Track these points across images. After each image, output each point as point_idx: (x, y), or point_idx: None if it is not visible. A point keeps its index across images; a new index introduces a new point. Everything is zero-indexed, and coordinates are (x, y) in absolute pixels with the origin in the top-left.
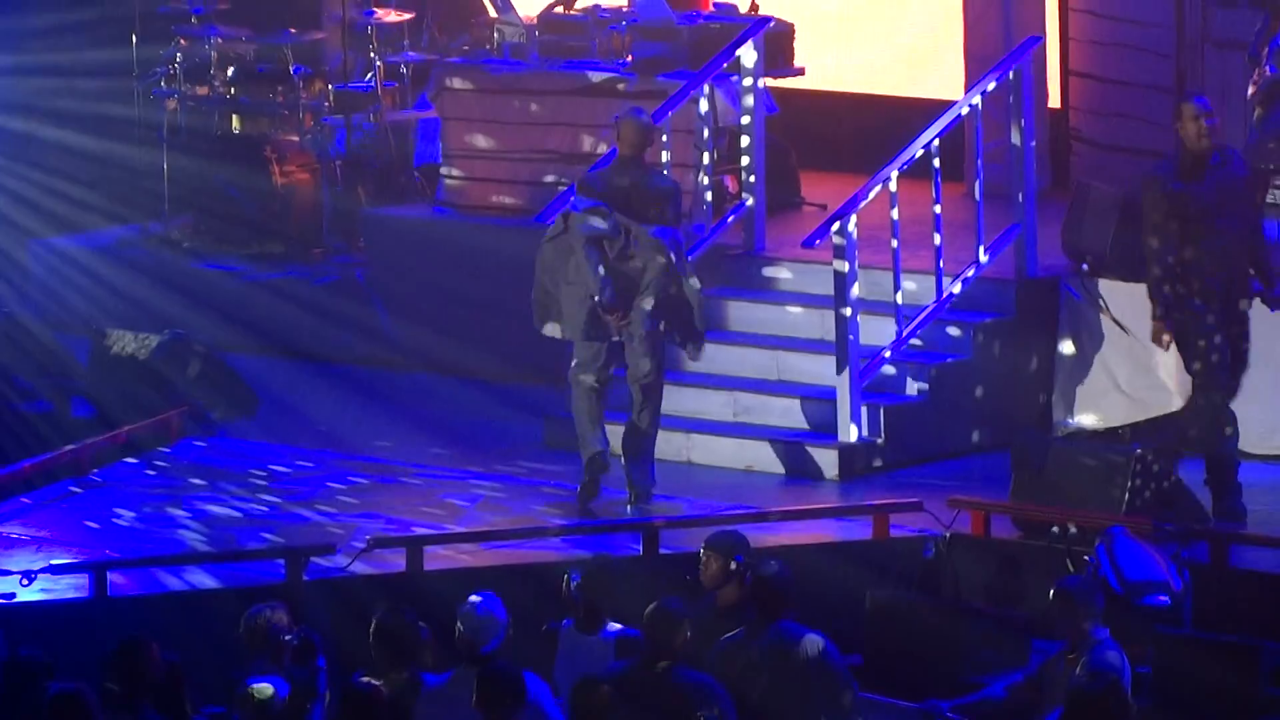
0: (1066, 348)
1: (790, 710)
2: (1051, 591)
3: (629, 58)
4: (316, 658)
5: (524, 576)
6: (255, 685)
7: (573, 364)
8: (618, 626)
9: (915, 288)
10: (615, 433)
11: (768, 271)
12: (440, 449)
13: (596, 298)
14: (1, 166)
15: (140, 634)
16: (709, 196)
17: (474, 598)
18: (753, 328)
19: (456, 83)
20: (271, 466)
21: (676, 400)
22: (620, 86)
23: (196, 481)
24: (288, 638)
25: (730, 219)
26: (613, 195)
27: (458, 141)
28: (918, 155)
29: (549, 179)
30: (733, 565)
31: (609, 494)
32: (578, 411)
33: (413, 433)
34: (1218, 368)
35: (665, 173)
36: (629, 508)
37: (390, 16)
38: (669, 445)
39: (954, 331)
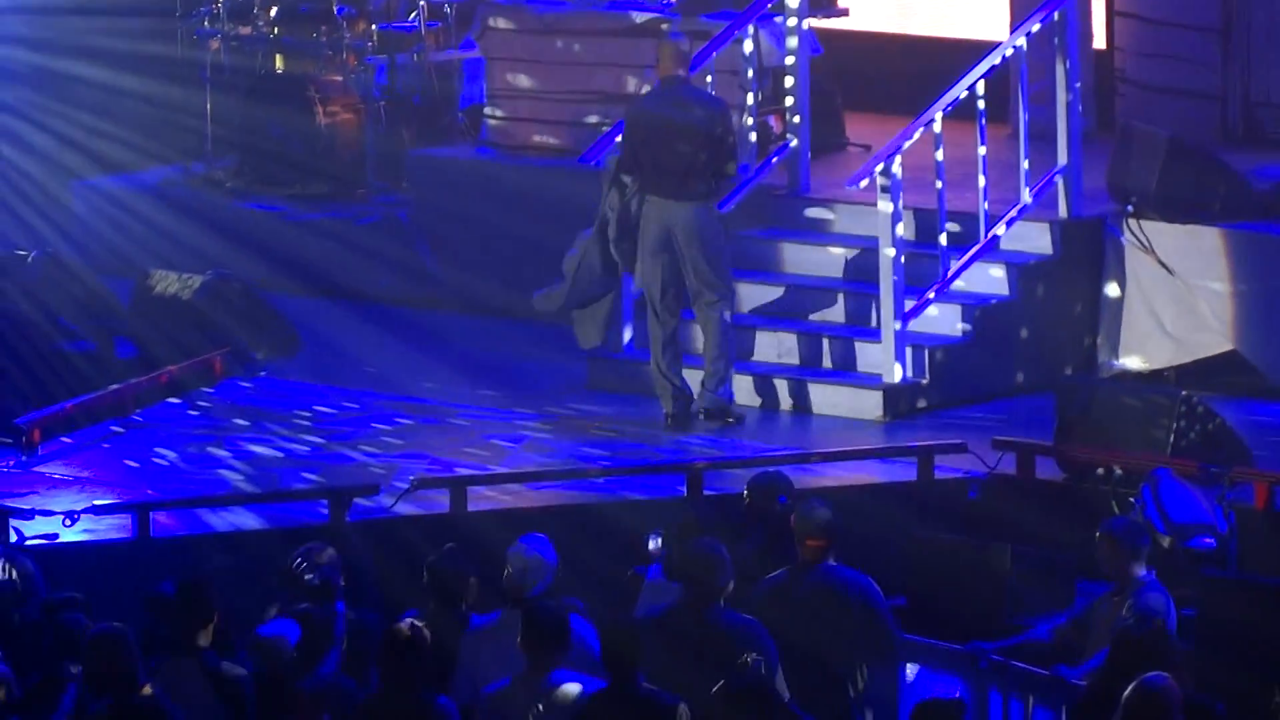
0: (1111, 289)
1: (834, 652)
2: (1097, 533)
3: None
4: (335, 601)
5: (567, 517)
6: (267, 635)
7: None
8: None
9: (959, 229)
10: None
11: (812, 212)
12: (484, 390)
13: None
14: (45, 106)
15: (199, 573)
16: (753, 137)
17: (523, 539)
18: (797, 269)
19: (501, 23)
20: (315, 407)
21: None
22: (664, 27)
23: (240, 422)
24: (309, 578)
25: (774, 160)
26: (639, 135)
27: (501, 82)
28: (962, 96)
29: (592, 119)
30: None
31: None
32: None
33: (456, 373)
34: None
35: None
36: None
37: None
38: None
39: (998, 272)
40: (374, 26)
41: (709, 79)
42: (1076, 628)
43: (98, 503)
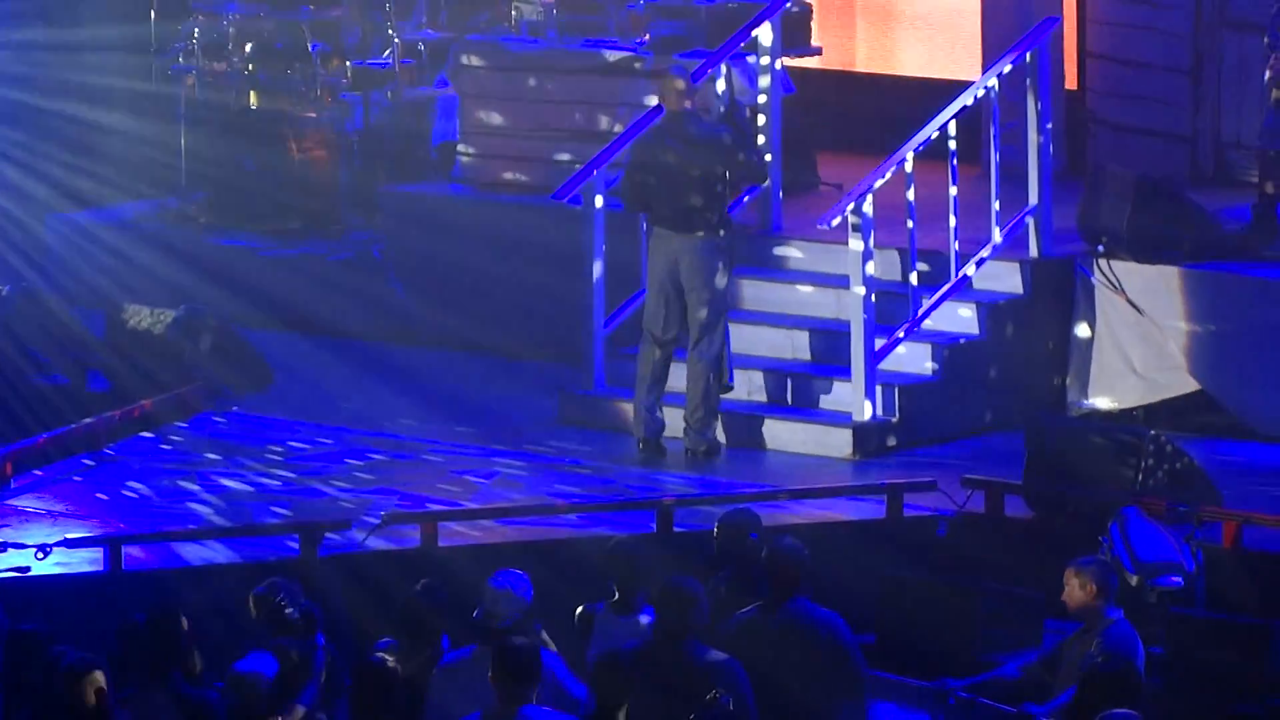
0: (1081, 329)
1: (803, 689)
2: (1065, 571)
3: (646, 36)
4: (315, 634)
5: (538, 553)
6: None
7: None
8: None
9: (930, 268)
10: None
11: (783, 251)
12: (456, 425)
13: None
14: (20, 141)
15: (169, 604)
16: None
17: (499, 573)
18: (768, 307)
19: (474, 60)
20: (287, 442)
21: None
22: (637, 65)
23: (212, 456)
24: (289, 611)
25: (746, 199)
26: (642, 170)
27: (475, 119)
28: (934, 136)
29: (566, 157)
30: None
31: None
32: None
33: (429, 409)
34: None
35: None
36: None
37: None
38: (683, 422)
39: (968, 312)
40: (348, 63)
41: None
42: (1045, 666)
43: (70, 536)
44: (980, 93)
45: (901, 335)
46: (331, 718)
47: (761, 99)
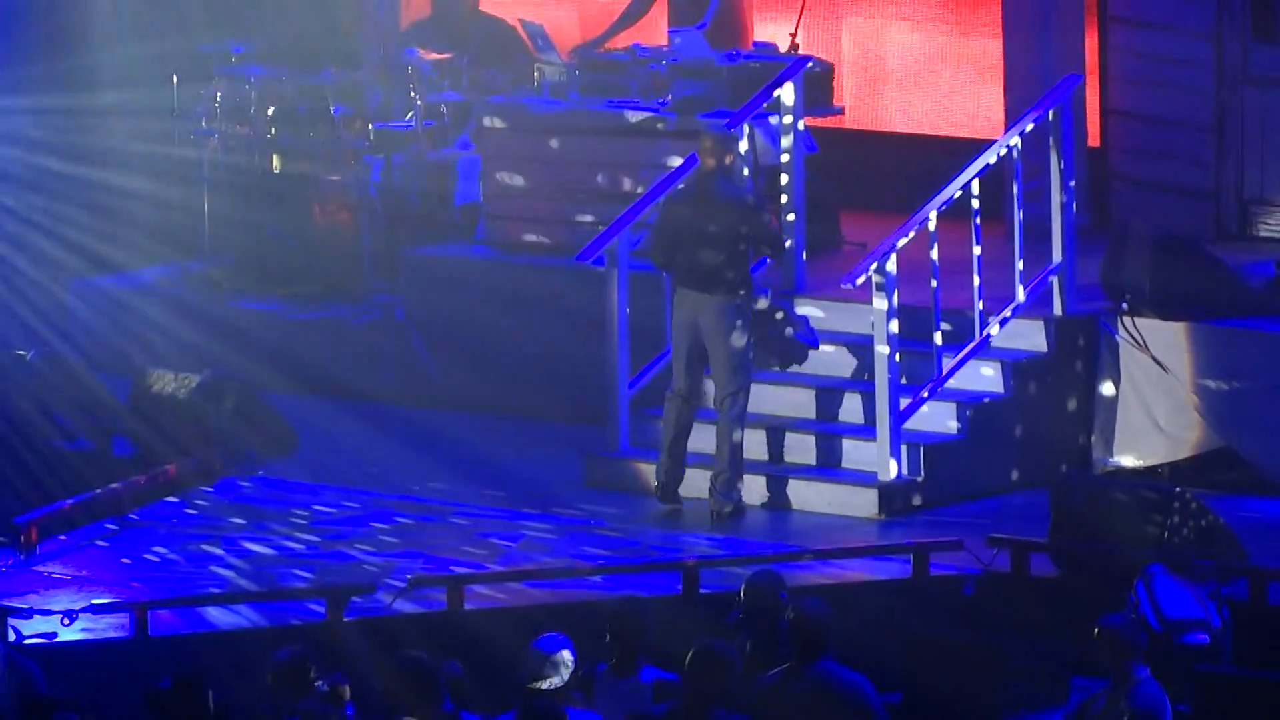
0: (1106, 387)
1: None
2: (1095, 629)
3: (669, 97)
4: (345, 705)
5: (565, 616)
6: None
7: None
8: (655, 669)
9: (954, 327)
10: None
11: (807, 310)
12: (482, 488)
13: None
14: (43, 207)
15: (195, 672)
16: None
17: (546, 637)
18: (792, 367)
19: (496, 122)
20: (312, 505)
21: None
22: (660, 126)
23: (237, 520)
24: (319, 684)
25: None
26: (672, 228)
27: (497, 180)
28: (957, 195)
29: (589, 219)
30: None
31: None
32: None
33: (453, 472)
34: None
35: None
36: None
37: (431, 55)
38: (708, 483)
39: (993, 370)
40: (371, 126)
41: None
42: None
43: (96, 601)
44: (1003, 151)
45: (926, 395)
46: None
47: (784, 158)
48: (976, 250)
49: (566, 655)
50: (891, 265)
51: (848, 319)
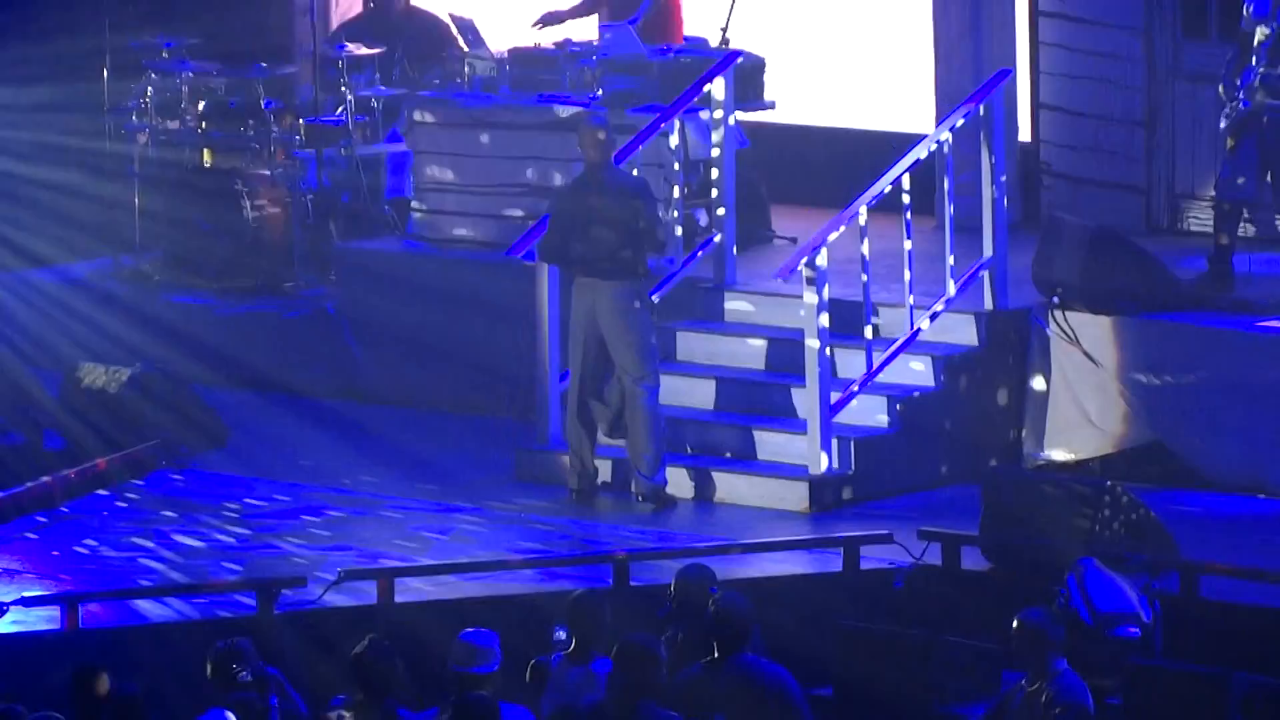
0: (1036, 381)
1: None
2: (1015, 623)
3: (599, 92)
4: (270, 695)
5: (496, 609)
6: None
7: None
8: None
9: (885, 321)
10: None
11: (737, 304)
12: (412, 482)
13: None
14: None
15: (91, 662)
16: (679, 230)
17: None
18: (723, 360)
19: (427, 116)
20: (244, 499)
21: None
22: (576, 114)
23: (168, 514)
24: (242, 675)
25: (700, 253)
26: (563, 220)
27: (428, 175)
28: (887, 190)
29: (519, 213)
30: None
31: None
32: None
33: (385, 465)
34: None
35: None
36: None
37: (361, 50)
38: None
39: (923, 364)
40: (301, 121)
41: (635, 172)
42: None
43: (27, 594)
44: (933, 145)
45: (857, 389)
46: None
47: (715, 153)
48: (907, 244)
49: (494, 649)
50: (822, 259)
51: (778, 313)
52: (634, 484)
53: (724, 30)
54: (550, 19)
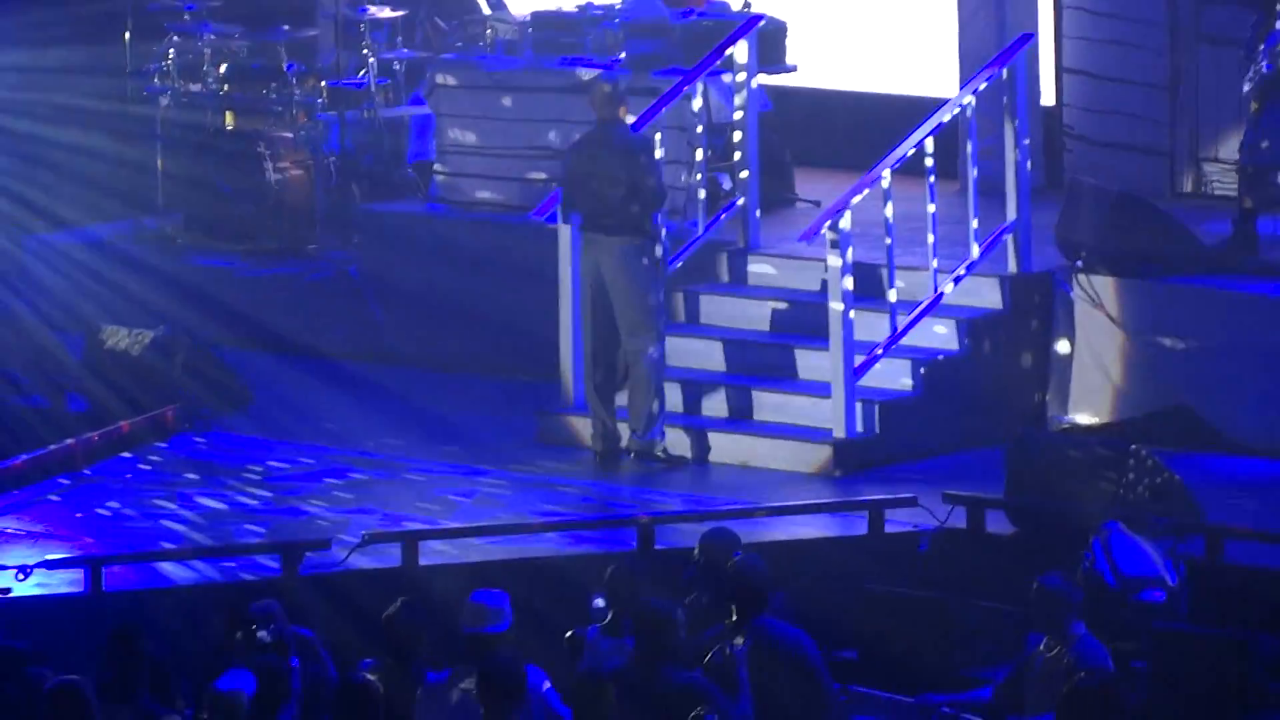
0: (1060, 344)
1: (770, 707)
2: (1034, 587)
3: (622, 55)
4: (289, 657)
5: (519, 571)
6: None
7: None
8: None
9: (909, 284)
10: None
11: (761, 267)
12: (436, 444)
13: None
14: None
15: (132, 622)
16: (702, 194)
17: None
18: (746, 324)
19: (449, 79)
20: (267, 461)
21: (673, 396)
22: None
23: (191, 476)
24: (260, 635)
25: (723, 216)
26: (573, 176)
27: (450, 138)
28: (910, 153)
29: (541, 175)
30: None
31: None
32: None
33: (408, 428)
34: None
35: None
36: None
37: (384, 13)
38: (668, 441)
39: (948, 327)
40: (324, 83)
41: (658, 135)
42: (1011, 684)
43: (50, 557)
44: (957, 109)
45: (881, 352)
46: None
47: (738, 116)
48: (931, 208)
49: (505, 609)
50: (846, 222)
51: (802, 276)
52: (627, 440)
53: None
54: None
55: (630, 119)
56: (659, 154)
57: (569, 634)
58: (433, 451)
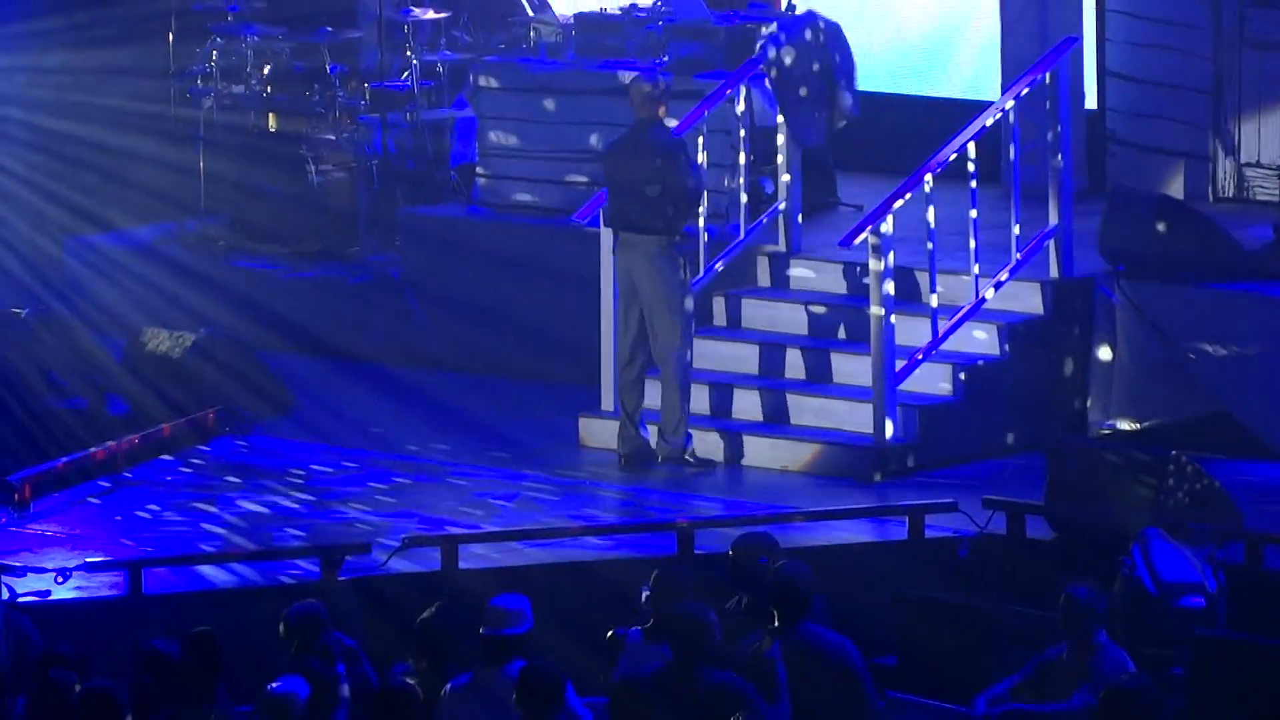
0: (1102, 350)
1: (813, 713)
2: (1062, 598)
3: (665, 57)
4: (335, 663)
5: (560, 575)
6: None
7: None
8: None
9: (950, 289)
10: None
11: (802, 271)
12: (477, 448)
13: None
14: (39, 164)
15: (203, 629)
16: (744, 197)
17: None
18: (789, 328)
19: (492, 82)
20: (308, 465)
21: (712, 399)
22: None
23: (232, 479)
24: (309, 640)
25: (765, 219)
26: (610, 175)
27: (493, 141)
28: (953, 158)
29: (583, 179)
30: None
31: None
32: None
33: (449, 431)
34: None
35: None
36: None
37: (427, 15)
38: (704, 445)
39: (989, 332)
40: (367, 85)
41: (700, 139)
42: (1031, 688)
43: (90, 560)
44: (999, 113)
45: (921, 357)
46: None
47: (780, 119)
48: (973, 213)
49: (525, 611)
50: (888, 226)
51: (843, 280)
52: (657, 446)
53: None
54: None
55: (671, 121)
56: (701, 157)
57: (610, 634)
58: (474, 455)
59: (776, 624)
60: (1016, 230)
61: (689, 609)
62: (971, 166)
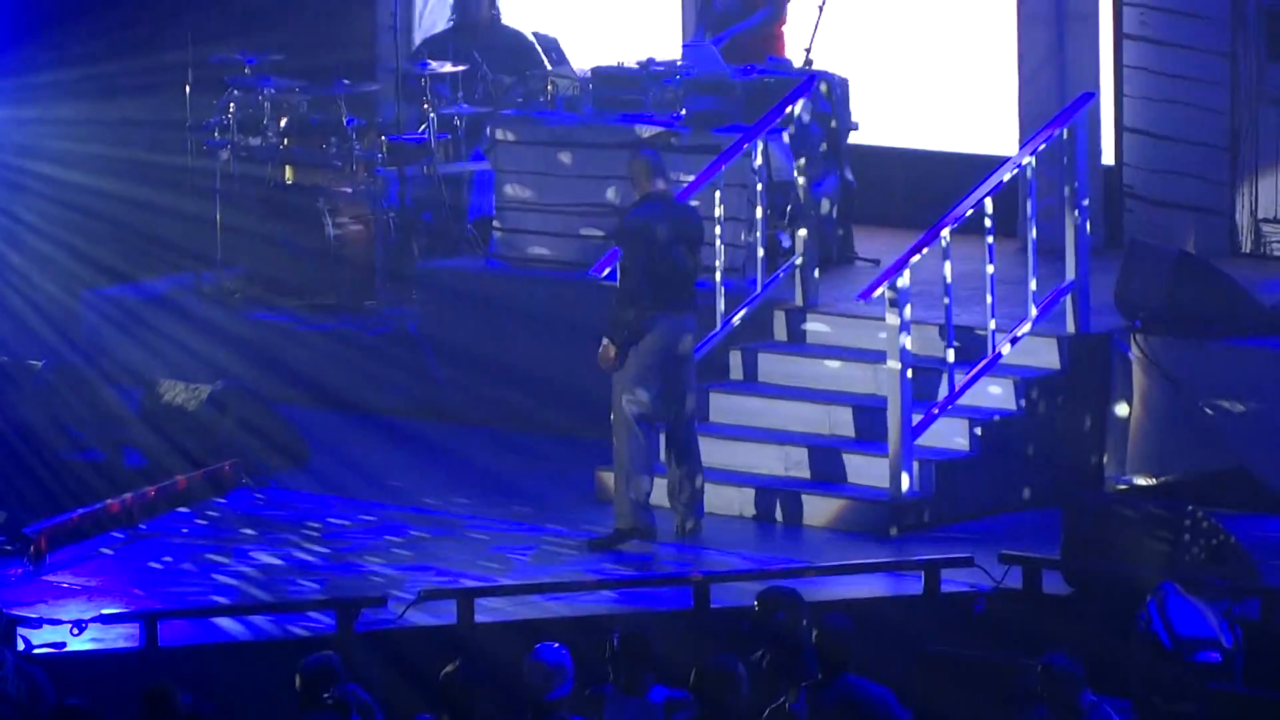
0: (1119, 405)
1: None
2: (1039, 669)
3: (682, 111)
4: (350, 715)
5: (576, 629)
6: None
7: None
8: (664, 688)
9: (966, 343)
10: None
11: (819, 325)
12: (494, 502)
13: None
14: (55, 217)
15: (164, 681)
16: (761, 252)
17: (540, 648)
18: (805, 382)
19: (509, 135)
20: (325, 518)
21: (729, 454)
22: (673, 140)
23: (248, 532)
24: (324, 695)
25: (782, 274)
26: (642, 239)
27: (509, 194)
28: (969, 212)
29: (600, 233)
30: None
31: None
32: None
33: (466, 485)
34: None
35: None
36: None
37: (444, 68)
38: (720, 498)
39: (1006, 388)
40: (383, 138)
41: (717, 193)
42: None
43: (105, 611)
44: (1016, 168)
45: (938, 411)
46: None
47: (798, 175)
48: (990, 268)
49: (566, 665)
50: (904, 281)
51: (860, 335)
52: (683, 516)
53: (808, 51)
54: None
55: (688, 177)
56: (718, 211)
57: (586, 693)
58: (491, 508)
59: (821, 676)
60: (1033, 285)
61: (718, 661)
62: (989, 221)
